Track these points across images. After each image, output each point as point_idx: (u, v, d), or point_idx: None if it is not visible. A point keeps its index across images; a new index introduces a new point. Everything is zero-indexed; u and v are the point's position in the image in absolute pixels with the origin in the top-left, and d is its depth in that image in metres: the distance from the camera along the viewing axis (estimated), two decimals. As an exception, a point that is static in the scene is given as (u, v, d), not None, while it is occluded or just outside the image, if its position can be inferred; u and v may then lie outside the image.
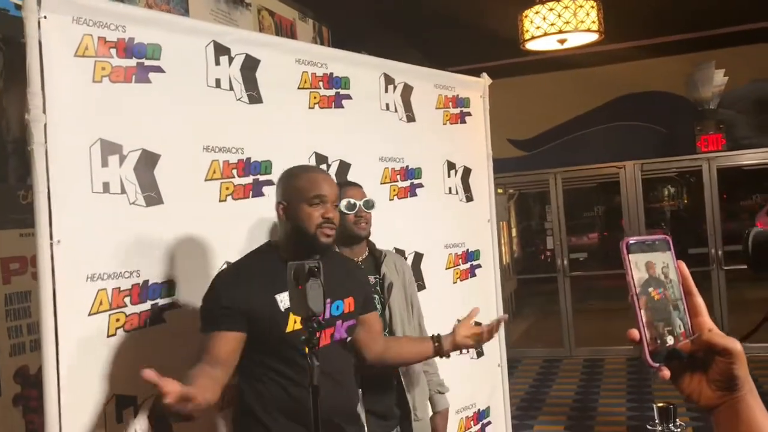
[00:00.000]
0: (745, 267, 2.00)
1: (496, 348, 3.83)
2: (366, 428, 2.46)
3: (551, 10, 3.94)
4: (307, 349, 1.53)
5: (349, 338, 2.22)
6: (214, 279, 2.18)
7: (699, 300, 0.92)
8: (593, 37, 4.14)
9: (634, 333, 0.88)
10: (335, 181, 2.28)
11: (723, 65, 7.62)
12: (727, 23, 7.08)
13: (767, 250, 1.72)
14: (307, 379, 1.52)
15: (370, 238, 2.72)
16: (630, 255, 0.90)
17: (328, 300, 2.12)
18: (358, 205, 2.60)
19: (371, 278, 2.64)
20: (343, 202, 2.57)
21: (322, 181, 2.15)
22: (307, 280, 1.34)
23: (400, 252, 3.21)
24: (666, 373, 0.87)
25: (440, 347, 2.40)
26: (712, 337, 0.87)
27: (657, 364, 0.87)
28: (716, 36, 7.25)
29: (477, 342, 2.40)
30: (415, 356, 2.50)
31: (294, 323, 2.03)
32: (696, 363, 0.88)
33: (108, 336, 2.22)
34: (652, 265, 0.91)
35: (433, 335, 2.47)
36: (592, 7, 3.97)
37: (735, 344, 0.86)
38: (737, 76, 7.71)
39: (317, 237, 2.10)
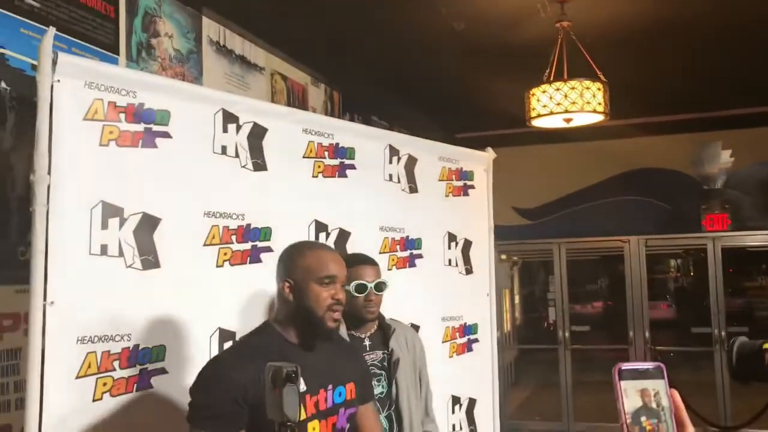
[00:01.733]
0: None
1: (489, 426, 3.77)
2: None
3: (558, 89, 4.01)
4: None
5: (348, 426, 2.08)
6: (213, 362, 1.98)
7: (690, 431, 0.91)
8: (599, 117, 4.20)
9: None
10: (342, 259, 2.13)
11: (729, 146, 7.68)
12: (734, 105, 7.17)
13: (749, 361, 1.71)
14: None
15: None
16: (622, 381, 0.89)
17: (330, 386, 2.02)
18: (369, 288, 2.51)
19: (379, 353, 2.58)
20: (353, 284, 2.47)
21: (332, 261, 2.03)
22: (284, 385, 1.32)
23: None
24: None
25: None
26: None
27: None
28: (723, 117, 7.34)
29: None
30: None
31: (303, 412, 1.87)
32: None
33: (94, 400, 2.20)
34: (647, 394, 0.89)
35: None
36: (599, 89, 4.03)
37: None
38: (743, 157, 7.75)
39: (324, 321, 1.98)
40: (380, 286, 2.55)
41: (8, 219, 2.65)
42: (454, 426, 3.55)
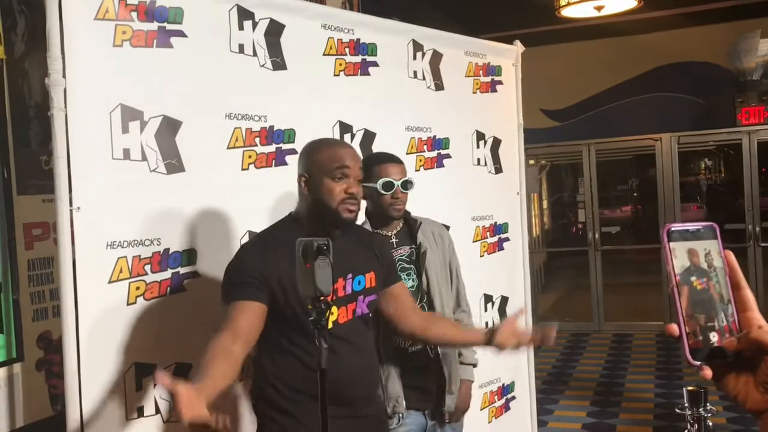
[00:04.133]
0: None
1: (521, 322, 3.77)
2: (403, 403, 2.43)
3: (589, -26, 3.78)
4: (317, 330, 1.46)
5: (370, 314, 2.15)
6: (240, 248, 2.13)
7: (748, 293, 0.84)
8: (632, 3, 3.98)
9: (674, 328, 0.80)
10: (359, 155, 2.16)
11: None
12: (774, -10, 6.79)
13: None
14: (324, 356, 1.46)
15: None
16: (671, 243, 0.82)
17: (350, 275, 2.07)
18: (395, 186, 2.47)
19: (406, 248, 2.57)
20: (380, 182, 2.45)
21: (345, 155, 2.04)
22: (316, 258, 1.28)
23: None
24: (708, 372, 0.79)
25: (491, 339, 2.17)
26: (761, 335, 0.78)
27: (698, 363, 0.79)
28: (761, 3, 6.95)
29: (517, 346, 2.22)
30: (460, 340, 2.39)
31: None
32: (743, 362, 0.80)
33: (128, 304, 2.22)
34: (695, 254, 0.83)
35: (488, 327, 2.36)
36: (632, -29, 3.80)
37: None
38: (783, 46, 7.40)
39: (339, 212, 2.01)
40: (407, 184, 2.50)
41: (28, 127, 2.61)
42: (487, 323, 3.55)
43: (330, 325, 1.93)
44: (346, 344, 2.01)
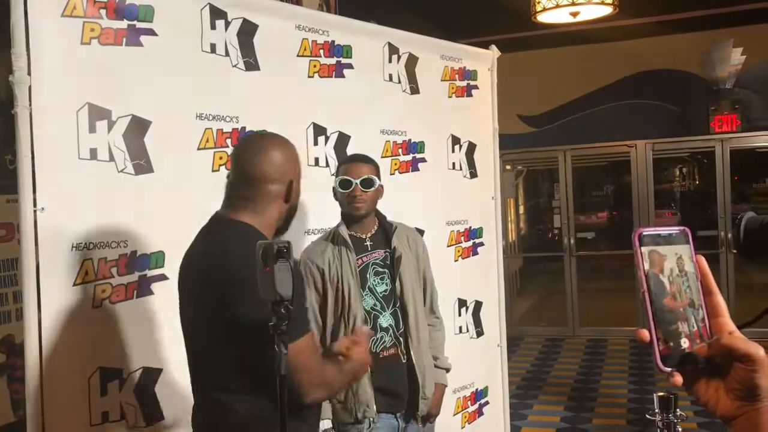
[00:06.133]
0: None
1: (495, 328, 3.77)
2: (374, 408, 2.41)
3: (564, -20, 3.80)
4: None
5: None
6: None
7: (719, 299, 0.83)
8: (607, 10, 4.00)
9: (644, 333, 0.79)
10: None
11: (740, 44, 7.42)
12: (746, 0, 6.87)
13: (757, 236, 1.65)
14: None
15: (381, 211, 2.63)
16: (642, 247, 0.80)
17: None
18: (353, 184, 2.47)
19: (381, 252, 2.55)
20: (338, 180, 2.48)
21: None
22: (276, 261, 1.25)
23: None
24: (678, 379, 0.78)
25: None
26: (732, 341, 0.77)
27: (669, 369, 0.78)
28: (734, 13, 7.04)
29: None
30: None
31: None
32: (714, 368, 0.79)
33: (93, 307, 2.17)
34: (666, 258, 0.81)
35: None
36: (607, -22, 3.83)
37: (758, 350, 0.76)
38: (755, 55, 7.51)
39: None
40: (366, 182, 2.48)
41: (-8, 126, 2.56)
42: (461, 328, 3.55)
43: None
44: None
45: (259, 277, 1.31)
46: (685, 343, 0.79)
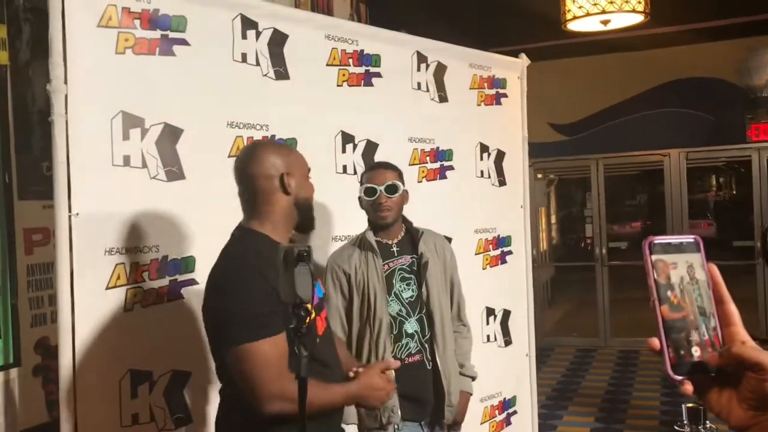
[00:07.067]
0: None
1: (524, 337, 3.75)
2: (398, 413, 2.41)
3: (594, -12, 3.79)
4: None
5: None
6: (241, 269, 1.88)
7: (732, 308, 0.82)
8: (638, 18, 3.97)
9: (655, 342, 0.79)
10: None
11: (778, 51, 7.29)
12: (784, 7, 6.75)
13: None
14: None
15: (407, 217, 2.64)
16: (653, 256, 0.81)
17: (317, 282, 2.01)
18: (378, 191, 2.49)
19: (407, 257, 2.56)
20: (362, 188, 2.51)
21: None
22: (296, 265, 1.27)
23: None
24: (688, 387, 0.78)
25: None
26: (743, 351, 0.76)
27: (680, 378, 0.78)
28: (772, 20, 6.92)
29: None
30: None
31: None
32: (726, 378, 0.78)
33: (125, 311, 2.21)
34: (677, 267, 0.81)
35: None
36: (638, -15, 3.80)
37: None
38: (793, 63, 7.36)
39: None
40: (390, 189, 2.49)
41: (31, 134, 2.63)
42: (488, 337, 3.54)
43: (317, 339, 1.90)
44: (323, 368, 1.87)
45: (280, 279, 1.34)
46: (696, 352, 0.79)
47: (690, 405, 1.97)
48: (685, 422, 1.96)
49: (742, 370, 0.77)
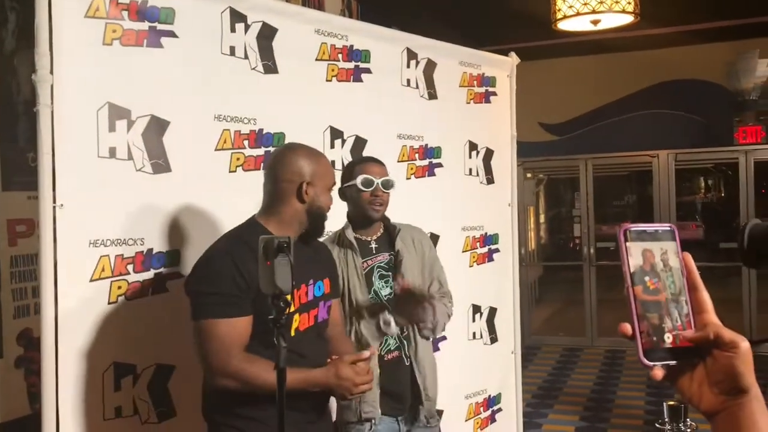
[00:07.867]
0: None
1: (510, 335, 3.76)
2: (378, 409, 2.41)
3: (584, -13, 3.80)
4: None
5: (326, 317, 2.16)
6: (214, 255, 1.99)
7: (705, 295, 0.83)
8: (628, 18, 3.98)
9: (626, 327, 0.80)
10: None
11: (766, 55, 7.33)
12: (773, 11, 6.80)
13: (763, 243, 1.63)
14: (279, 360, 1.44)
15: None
16: (628, 243, 0.82)
17: (311, 281, 2.06)
18: (375, 183, 2.46)
19: (386, 255, 2.54)
20: (360, 178, 2.45)
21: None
22: (276, 256, 1.27)
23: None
24: (657, 373, 0.79)
25: None
26: (721, 328, 0.79)
27: (651, 363, 0.79)
28: (759, 24, 6.97)
29: None
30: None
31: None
32: (697, 363, 0.80)
33: (109, 303, 2.20)
34: (651, 254, 0.82)
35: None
36: (628, -14, 3.81)
37: (743, 340, 0.78)
38: (781, 66, 7.41)
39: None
40: (387, 183, 2.48)
41: (16, 124, 2.61)
42: (474, 334, 3.54)
43: (292, 333, 1.93)
44: (299, 358, 1.91)
45: (260, 270, 1.34)
46: (668, 338, 0.80)
47: (671, 403, 1.98)
48: (666, 420, 1.97)
49: (713, 351, 0.79)
